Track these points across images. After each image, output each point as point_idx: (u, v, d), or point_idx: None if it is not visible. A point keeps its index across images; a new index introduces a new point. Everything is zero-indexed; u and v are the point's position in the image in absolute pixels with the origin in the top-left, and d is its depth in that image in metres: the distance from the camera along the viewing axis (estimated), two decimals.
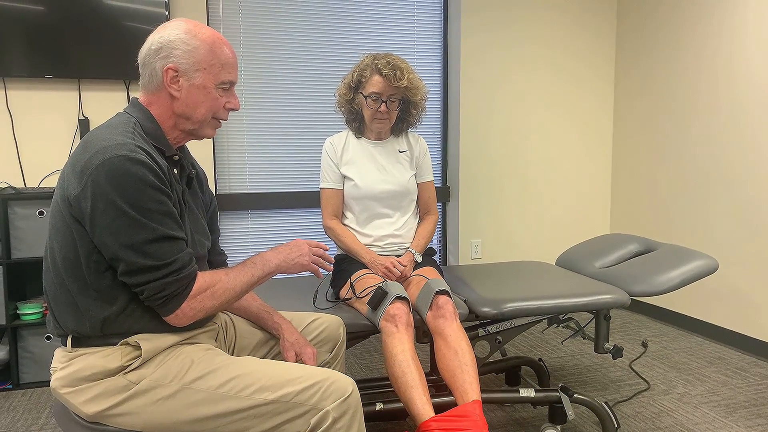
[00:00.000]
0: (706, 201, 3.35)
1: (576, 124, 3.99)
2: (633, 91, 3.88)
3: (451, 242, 3.87)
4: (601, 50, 3.98)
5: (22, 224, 2.70)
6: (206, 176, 1.62)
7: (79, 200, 1.23)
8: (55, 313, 1.33)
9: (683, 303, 3.53)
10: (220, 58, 1.38)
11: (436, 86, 3.80)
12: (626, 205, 3.99)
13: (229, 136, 3.42)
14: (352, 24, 3.58)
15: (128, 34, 2.97)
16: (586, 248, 2.70)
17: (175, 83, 1.35)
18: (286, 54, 3.47)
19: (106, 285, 1.27)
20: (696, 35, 3.38)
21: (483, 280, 2.37)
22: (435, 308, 1.93)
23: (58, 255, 1.29)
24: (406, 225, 2.29)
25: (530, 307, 2.08)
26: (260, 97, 3.46)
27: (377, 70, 2.17)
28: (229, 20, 3.35)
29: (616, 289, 2.18)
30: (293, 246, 1.48)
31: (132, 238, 1.22)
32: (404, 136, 2.37)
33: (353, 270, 2.15)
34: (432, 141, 3.83)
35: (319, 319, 1.72)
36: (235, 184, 3.46)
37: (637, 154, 3.87)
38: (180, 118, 1.39)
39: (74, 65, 2.95)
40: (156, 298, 1.26)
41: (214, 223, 1.61)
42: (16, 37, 2.85)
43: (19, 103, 2.97)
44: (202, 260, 1.47)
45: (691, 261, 2.23)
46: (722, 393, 2.62)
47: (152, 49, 1.36)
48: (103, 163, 1.21)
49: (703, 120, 3.36)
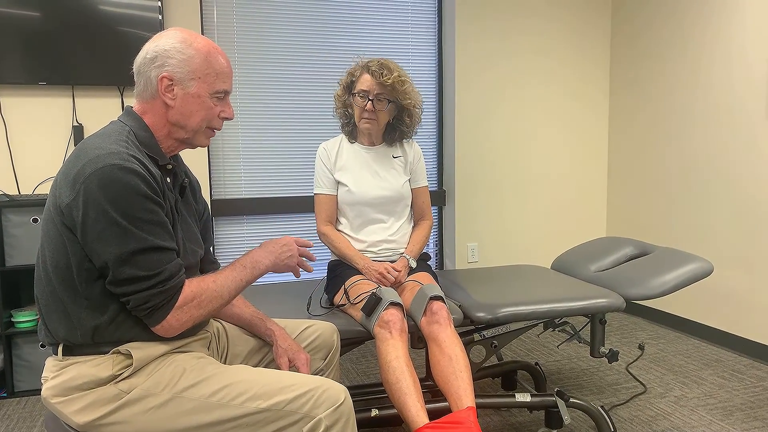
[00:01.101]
0: (701, 204, 3.36)
1: (571, 128, 4.00)
2: (628, 95, 3.89)
3: (447, 246, 3.87)
4: (595, 56, 3.99)
5: (16, 231, 2.69)
6: (200, 185, 1.62)
7: (70, 208, 1.22)
8: (46, 322, 1.32)
9: (680, 305, 3.53)
10: (215, 67, 1.38)
11: (431, 90, 3.80)
12: (622, 209, 3.99)
13: (224, 142, 3.42)
14: (346, 31, 3.58)
15: (122, 40, 2.97)
16: (581, 252, 2.70)
17: (170, 92, 1.35)
18: (280, 60, 3.47)
19: (96, 293, 1.27)
20: (691, 40, 3.39)
21: (478, 285, 2.37)
22: (429, 314, 1.93)
23: (49, 263, 1.28)
24: (401, 230, 2.29)
25: (525, 311, 2.08)
26: (255, 103, 3.46)
27: (367, 69, 2.19)
28: (223, 26, 3.35)
29: (611, 292, 2.18)
30: (284, 245, 1.48)
31: (121, 248, 1.22)
32: (398, 142, 2.37)
33: (347, 276, 2.14)
34: (427, 145, 3.83)
35: (312, 326, 1.72)
36: (231, 189, 3.46)
37: (632, 157, 3.88)
38: (174, 126, 1.39)
39: (68, 72, 2.94)
40: (141, 308, 1.25)
41: (207, 231, 1.60)
42: (10, 43, 2.84)
43: (13, 109, 2.96)
44: (195, 269, 1.46)
45: (686, 264, 2.23)
46: (719, 396, 2.62)
47: (147, 57, 1.36)
48: (95, 172, 1.21)
49: (698, 123, 3.36)
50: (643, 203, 3.80)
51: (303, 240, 1.52)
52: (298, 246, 1.50)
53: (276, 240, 1.49)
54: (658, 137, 3.65)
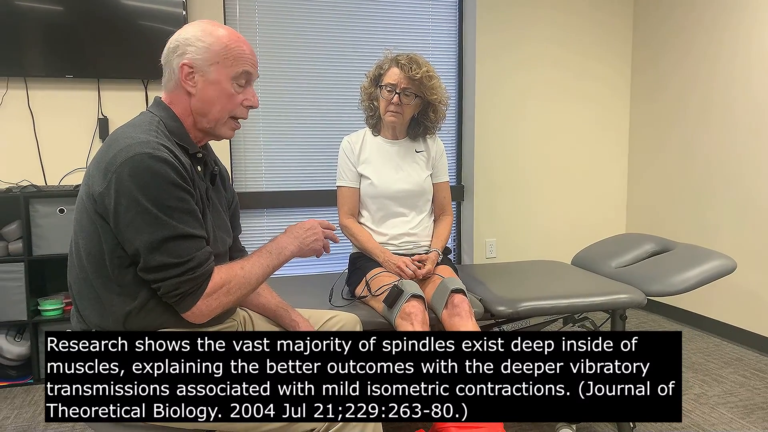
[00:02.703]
0: (724, 201, 3.33)
1: (592, 124, 3.98)
2: (649, 89, 3.86)
3: (465, 241, 3.88)
4: (617, 49, 3.96)
5: (43, 222, 2.74)
6: (228, 174, 1.64)
7: (103, 197, 1.25)
8: (79, 308, 1.35)
9: (701, 303, 3.51)
10: (234, 51, 1.39)
11: (451, 85, 3.80)
12: (642, 205, 3.97)
13: (246, 135, 3.45)
14: (367, 22, 3.59)
15: (146, 35, 3.01)
16: (601, 248, 2.69)
17: (191, 79, 1.37)
18: (301, 53, 3.50)
19: (128, 280, 1.29)
20: (713, 32, 3.35)
21: (498, 280, 2.37)
22: (450, 306, 1.94)
23: (83, 250, 1.31)
24: (421, 224, 2.30)
25: (545, 306, 2.08)
26: (276, 97, 3.48)
27: (396, 63, 2.20)
28: (245, 18, 3.38)
29: (632, 288, 2.18)
30: (308, 229, 1.50)
31: (152, 236, 1.24)
32: (421, 137, 2.38)
33: (369, 268, 2.16)
34: (447, 140, 3.83)
35: (336, 316, 1.74)
36: (252, 182, 3.49)
37: (653, 153, 3.85)
38: (197, 116, 1.40)
39: (93, 65, 2.99)
40: (171, 295, 1.28)
41: (235, 219, 1.63)
42: (37, 38, 2.90)
43: (40, 102, 3.02)
44: (224, 256, 1.48)
45: (708, 261, 2.21)
46: (740, 394, 2.60)
47: (170, 47, 1.39)
48: (126, 161, 1.23)
49: (720, 119, 3.33)
50: (664, 200, 3.77)
51: (327, 222, 1.54)
52: (323, 229, 1.52)
53: (301, 224, 1.50)
54: (679, 134, 3.62)
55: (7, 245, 2.75)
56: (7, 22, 2.83)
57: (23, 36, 2.87)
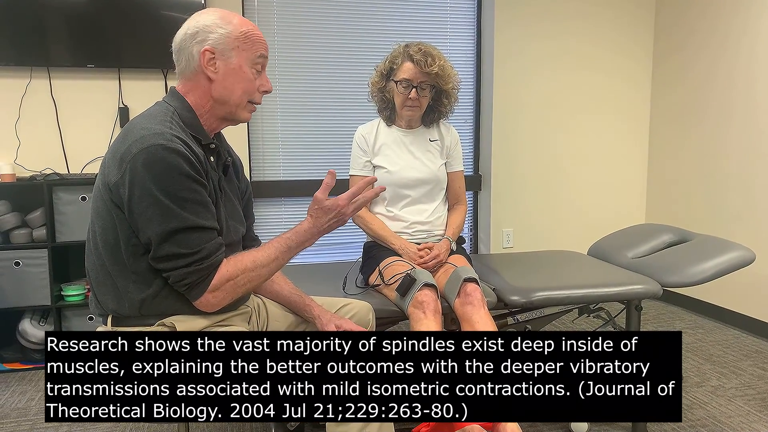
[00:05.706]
0: (743, 191, 3.27)
1: (611, 114, 3.93)
2: (671, 80, 3.80)
3: (482, 231, 3.87)
4: (638, 40, 3.90)
5: (66, 209, 2.80)
6: (242, 164, 1.66)
7: (118, 186, 1.28)
8: (96, 294, 1.39)
9: (720, 294, 3.47)
10: (252, 36, 1.42)
11: (469, 74, 3.78)
12: (662, 196, 3.92)
13: (264, 124, 3.47)
14: (386, 14, 3.58)
15: (166, 24, 3.04)
16: (619, 238, 2.67)
17: (212, 65, 1.39)
18: (319, 43, 3.50)
19: (143, 268, 1.33)
20: (735, 24, 3.28)
21: (513, 269, 2.37)
22: (463, 295, 1.95)
23: (99, 238, 1.35)
24: (435, 213, 2.30)
25: (560, 296, 2.07)
26: (294, 86, 3.50)
27: (409, 57, 2.19)
28: (263, 8, 3.39)
29: (648, 279, 2.16)
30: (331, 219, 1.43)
31: (163, 226, 1.27)
32: (435, 126, 2.38)
33: (382, 257, 2.17)
34: (464, 130, 3.82)
35: (349, 304, 1.76)
36: (269, 171, 3.52)
37: (674, 143, 3.79)
38: (216, 102, 1.42)
39: (114, 55, 3.04)
40: (180, 284, 1.31)
41: (249, 209, 1.65)
42: (60, 28, 2.94)
43: (62, 91, 3.07)
44: (237, 245, 1.51)
45: (726, 252, 2.18)
46: (758, 386, 2.58)
47: (188, 33, 1.40)
48: (141, 152, 1.26)
49: (741, 109, 3.27)
50: (683, 190, 3.72)
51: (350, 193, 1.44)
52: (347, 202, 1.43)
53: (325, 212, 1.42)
54: (700, 124, 3.56)
55: (31, 232, 2.82)
56: (30, 12, 2.88)
57: (46, 26, 2.92)
